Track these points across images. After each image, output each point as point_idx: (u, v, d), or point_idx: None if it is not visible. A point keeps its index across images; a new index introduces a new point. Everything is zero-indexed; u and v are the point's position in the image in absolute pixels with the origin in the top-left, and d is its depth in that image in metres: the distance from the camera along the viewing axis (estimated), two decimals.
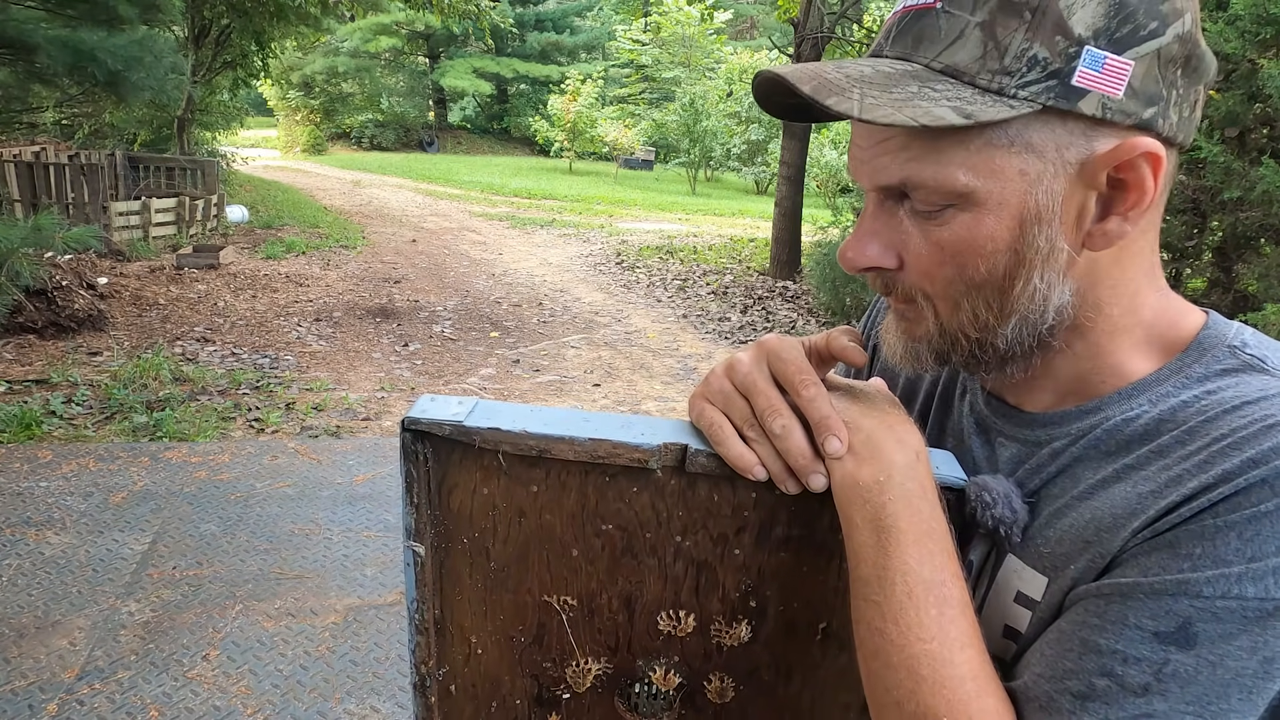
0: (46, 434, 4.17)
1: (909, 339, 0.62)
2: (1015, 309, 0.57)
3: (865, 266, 0.60)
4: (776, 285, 9.05)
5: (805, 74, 0.54)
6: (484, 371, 5.80)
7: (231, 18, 12.30)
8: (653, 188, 22.24)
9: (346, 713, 2.41)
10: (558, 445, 0.58)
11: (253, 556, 3.19)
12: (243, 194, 13.74)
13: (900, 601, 0.52)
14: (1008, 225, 0.54)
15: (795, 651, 0.63)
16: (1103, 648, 0.50)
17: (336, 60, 27.96)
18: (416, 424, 0.58)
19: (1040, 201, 0.53)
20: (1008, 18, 0.51)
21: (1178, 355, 0.59)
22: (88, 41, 6.05)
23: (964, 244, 0.55)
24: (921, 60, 0.53)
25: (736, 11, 32.62)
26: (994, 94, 0.51)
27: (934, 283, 0.58)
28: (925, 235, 0.56)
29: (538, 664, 0.65)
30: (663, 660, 0.64)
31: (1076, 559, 0.55)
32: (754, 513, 0.59)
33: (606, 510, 0.60)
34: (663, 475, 0.59)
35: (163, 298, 6.91)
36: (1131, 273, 0.59)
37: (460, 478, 0.60)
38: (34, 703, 2.36)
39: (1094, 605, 0.52)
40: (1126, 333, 0.59)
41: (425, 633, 0.64)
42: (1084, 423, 0.60)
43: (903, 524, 0.53)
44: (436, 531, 0.62)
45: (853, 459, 0.56)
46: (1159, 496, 0.51)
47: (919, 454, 0.56)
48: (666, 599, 0.62)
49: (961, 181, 0.53)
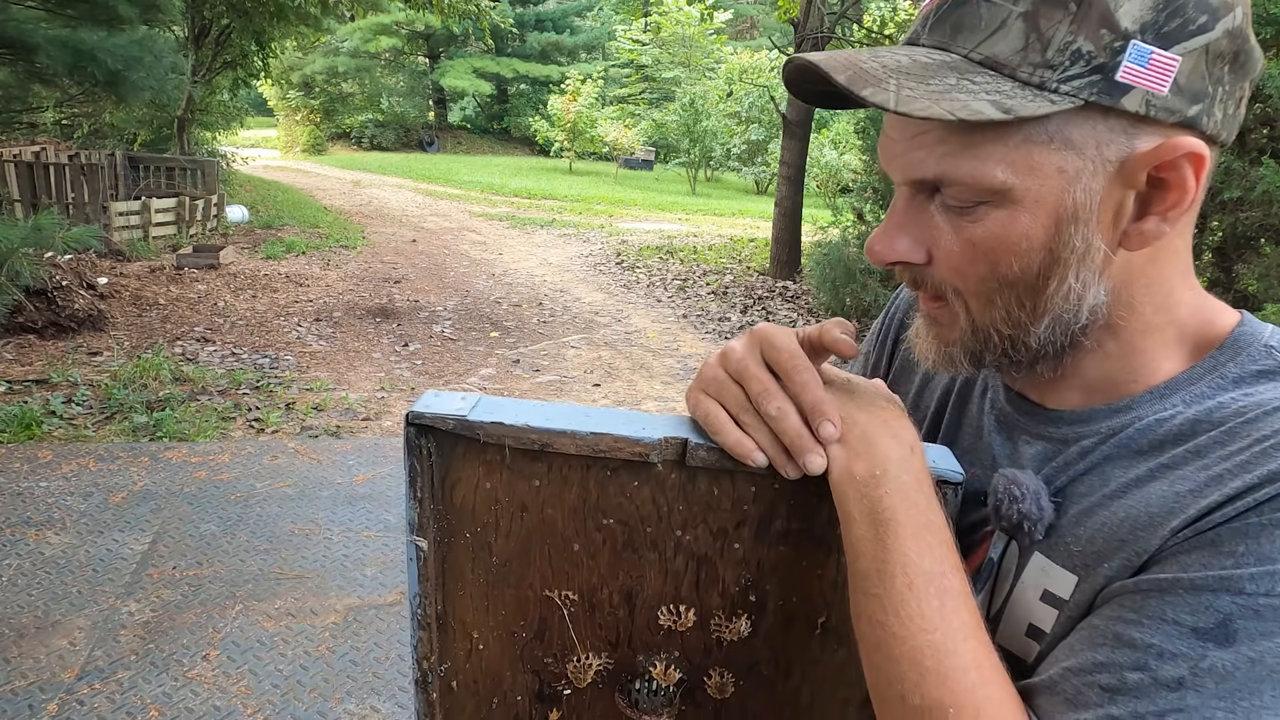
0: (46, 434, 4.17)
1: (941, 343, 0.61)
2: (1049, 308, 0.56)
3: (893, 260, 0.59)
4: (776, 285, 9.05)
5: (840, 62, 0.53)
6: (484, 371, 5.80)
7: (231, 18, 12.30)
8: (653, 188, 22.24)
9: (346, 713, 2.42)
10: (560, 439, 0.58)
11: (253, 556, 3.19)
12: (243, 194, 13.74)
13: (901, 594, 0.52)
14: (1043, 224, 0.53)
15: (794, 646, 0.63)
16: (1138, 641, 0.49)
17: (336, 60, 27.97)
18: (420, 418, 0.58)
19: (1078, 200, 0.52)
20: (1052, 9, 0.49)
21: (1211, 354, 0.58)
22: (88, 41, 6.05)
23: (998, 241, 0.54)
24: (960, 50, 0.52)
25: (736, 11, 32.63)
26: (1035, 88, 0.50)
27: (965, 280, 0.57)
28: (957, 231, 0.55)
29: (539, 659, 0.65)
30: (663, 655, 0.64)
31: (1110, 557, 0.54)
32: (753, 506, 0.60)
33: (608, 504, 0.60)
34: (663, 469, 0.59)
35: (163, 298, 6.91)
36: (1167, 271, 0.57)
37: (463, 472, 0.61)
38: (34, 703, 2.36)
39: (1130, 600, 0.51)
40: (1159, 331, 0.58)
41: (428, 628, 0.64)
42: (1114, 421, 0.59)
43: (900, 517, 0.53)
44: (439, 526, 0.62)
45: (847, 452, 0.56)
46: (1199, 495, 0.51)
47: (913, 448, 0.56)
48: (667, 593, 0.62)
49: (999, 178, 0.52)
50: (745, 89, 22.78)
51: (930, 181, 0.55)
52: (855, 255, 6.85)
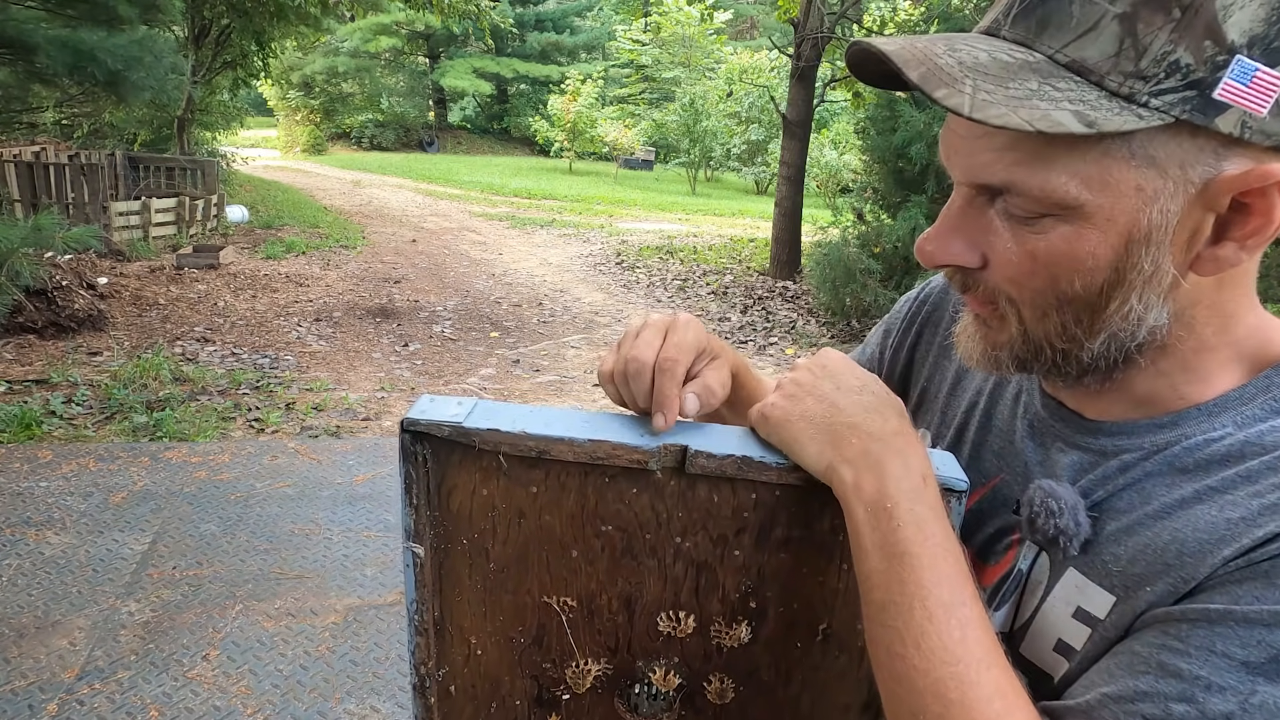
0: (46, 434, 4.17)
1: (989, 346, 0.59)
2: (1106, 326, 0.53)
3: (946, 263, 0.56)
4: (776, 285, 9.05)
5: (914, 56, 0.49)
6: (484, 372, 5.80)
7: (231, 18, 12.29)
8: (653, 188, 22.23)
9: (346, 713, 2.41)
10: (557, 446, 0.57)
11: (253, 556, 3.19)
12: (243, 194, 13.74)
13: (921, 626, 0.50)
14: (1112, 243, 0.50)
15: (795, 652, 0.63)
16: (1185, 672, 0.47)
17: (336, 60, 27.96)
18: (415, 425, 0.58)
19: (1153, 220, 0.49)
20: (1153, 12, 0.45)
21: (1265, 373, 0.55)
22: (88, 41, 6.05)
23: (1061, 256, 0.51)
24: (1045, 50, 0.48)
25: (736, 11, 32.63)
26: (1122, 99, 0.46)
27: (1021, 290, 0.54)
28: (1019, 241, 0.52)
29: (537, 665, 0.65)
30: (662, 661, 0.64)
31: (1153, 581, 0.52)
32: (754, 514, 0.59)
33: (606, 511, 0.60)
34: (662, 476, 0.59)
35: (163, 298, 6.91)
36: (1232, 294, 0.54)
37: (460, 479, 0.60)
38: (34, 703, 2.36)
39: (1176, 629, 0.49)
40: (1214, 351, 0.56)
41: (425, 634, 0.64)
42: (1159, 437, 0.56)
43: (915, 549, 0.51)
44: (436, 532, 0.62)
45: (851, 469, 0.54)
46: (1253, 525, 0.49)
47: (926, 477, 0.54)
48: (666, 600, 0.62)
49: (1071, 194, 0.49)
50: (745, 89, 22.77)
51: (995, 187, 0.52)
52: (855, 255, 6.85)
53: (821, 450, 0.56)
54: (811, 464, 0.56)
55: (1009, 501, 0.62)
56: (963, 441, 0.72)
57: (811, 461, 0.56)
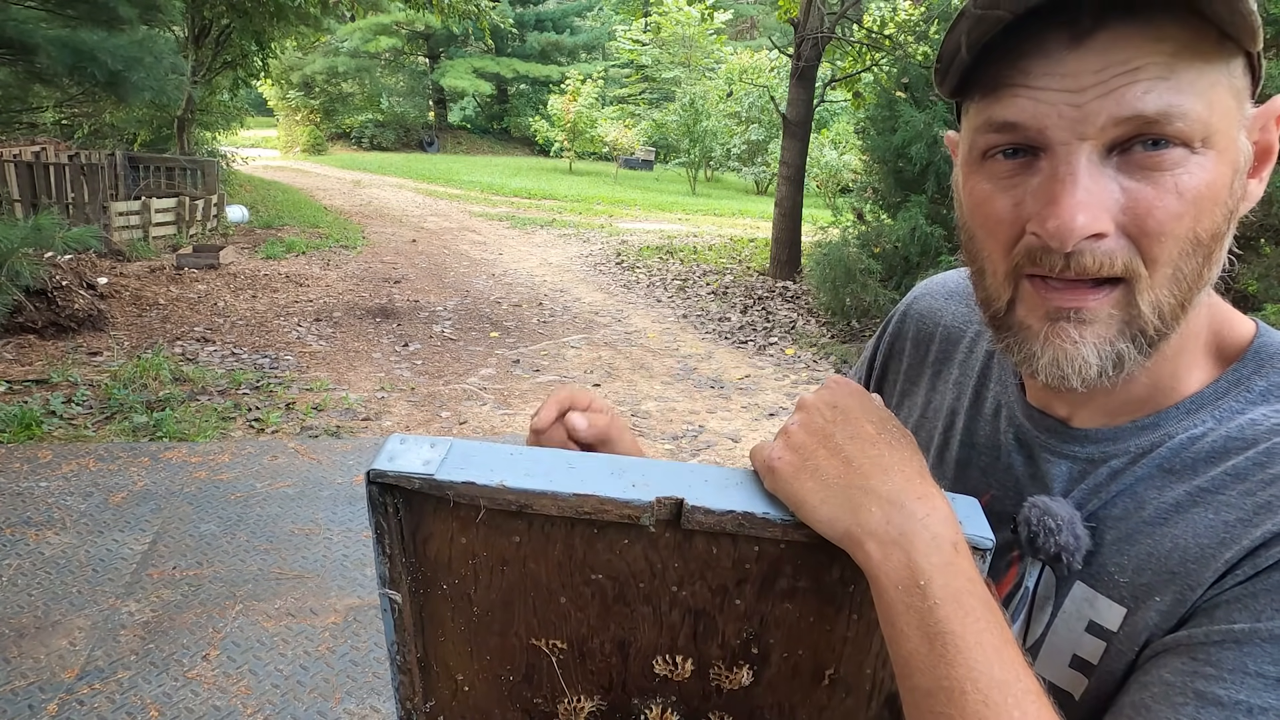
0: (46, 434, 4.16)
1: (1100, 341, 0.52)
2: (1205, 282, 0.51)
3: (1099, 230, 0.49)
4: (776, 285, 9.05)
5: None
6: (484, 371, 5.80)
7: (231, 18, 12.29)
8: (653, 188, 22.23)
9: (346, 713, 2.41)
10: (539, 500, 0.52)
11: (253, 556, 3.19)
12: (243, 194, 13.74)
13: (977, 711, 0.46)
14: (1227, 175, 0.49)
15: (800, 694, 0.60)
16: (1224, 699, 0.46)
17: (336, 60, 27.96)
18: (383, 477, 0.53)
19: (1243, 150, 0.49)
20: None
21: (1233, 366, 0.56)
22: (88, 41, 6.05)
23: (1206, 189, 0.48)
24: None
25: (736, 11, 32.61)
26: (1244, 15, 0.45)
27: (1163, 241, 0.49)
28: (1158, 185, 0.48)
29: (528, 700, 0.62)
30: (659, 700, 0.61)
31: (1161, 590, 0.52)
32: (756, 565, 0.55)
33: (596, 561, 0.55)
34: (656, 529, 0.54)
35: (163, 298, 6.91)
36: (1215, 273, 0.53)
37: (435, 527, 0.56)
38: (34, 703, 2.36)
39: (1204, 653, 0.48)
40: (1190, 339, 0.56)
41: (408, 673, 0.61)
42: (1143, 440, 0.56)
43: (956, 627, 0.47)
44: (414, 578, 0.58)
45: (875, 543, 0.50)
46: (1250, 525, 0.49)
47: (956, 545, 0.50)
48: (663, 644, 0.58)
49: (1213, 121, 0.47)
50: (745, 89, 22.76)
51: (1137, 119, 0.47)
52: (855, 255, 6.84)
53: (836, 516, 0.52)
54: (825, 529, 0.52)
55: (1003, 517, 0.61)
56: (944, 463, 0.70)
57: (825, 527, 0.52)
